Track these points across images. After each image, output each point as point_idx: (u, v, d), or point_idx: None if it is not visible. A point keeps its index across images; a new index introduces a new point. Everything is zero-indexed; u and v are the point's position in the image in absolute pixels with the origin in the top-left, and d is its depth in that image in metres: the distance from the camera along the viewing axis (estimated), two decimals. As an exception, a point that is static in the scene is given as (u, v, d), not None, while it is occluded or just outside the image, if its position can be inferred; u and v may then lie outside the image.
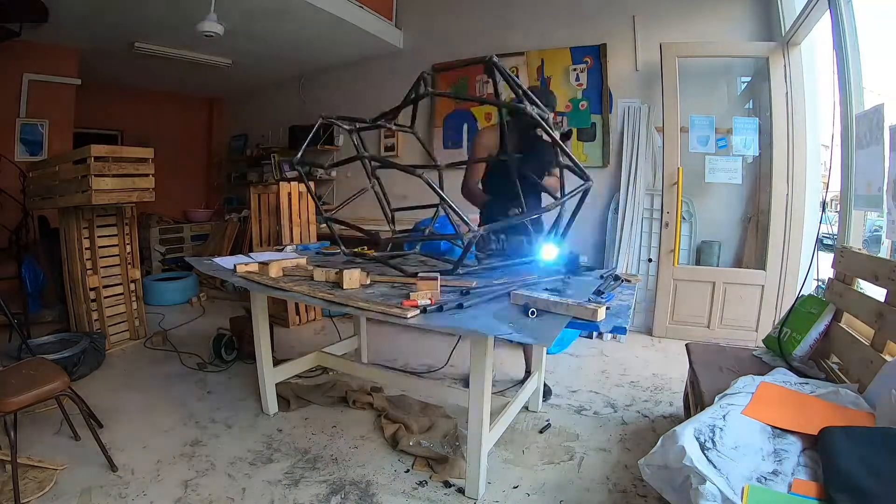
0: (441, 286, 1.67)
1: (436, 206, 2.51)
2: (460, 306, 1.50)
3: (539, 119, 1.70)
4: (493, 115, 4.31)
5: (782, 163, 3.19)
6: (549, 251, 1.96)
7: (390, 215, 2.47)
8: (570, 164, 1.85)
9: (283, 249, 2.62)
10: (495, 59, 1.78)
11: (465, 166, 2.45)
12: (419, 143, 2.71)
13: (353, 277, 1.80)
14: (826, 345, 1.88)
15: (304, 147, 2.12)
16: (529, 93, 1.93)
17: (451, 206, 1.74)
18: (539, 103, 1.99)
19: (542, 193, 2.27)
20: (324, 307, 1.66)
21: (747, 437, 1.22)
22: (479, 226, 1.82)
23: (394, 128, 2.32)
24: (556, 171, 2.04)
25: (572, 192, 1.91)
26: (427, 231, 2.62)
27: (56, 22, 3.53)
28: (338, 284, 1.83)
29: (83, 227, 2.97)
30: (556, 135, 1.78)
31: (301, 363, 2.48)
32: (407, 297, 1.59)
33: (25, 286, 3.45)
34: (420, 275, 1.74)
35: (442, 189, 2.52)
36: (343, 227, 2.34)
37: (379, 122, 2.14)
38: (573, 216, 2.03)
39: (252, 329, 2.29)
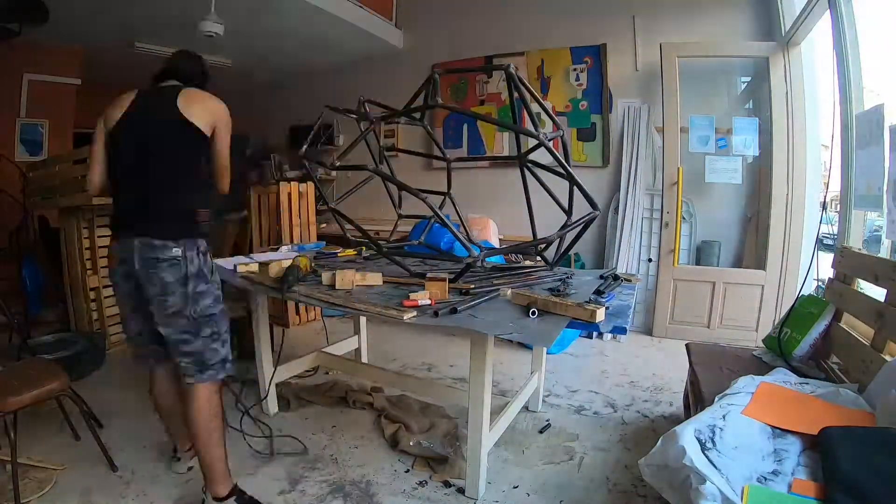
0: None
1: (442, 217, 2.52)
2: (454, 310, 1.49)
3: (548, 146, 1.69)
4: (493, 114, 4.31)
5: (782, 163, 3.19)
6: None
7: (398, 199, 2.48)
8: (580, 190, 1.84)
9: (277, 249, 2.61)
10: (512, 68, 1.78)
11: (469, 164, 2.45)
12: (423, 139, 2.72)
13: (345, 278, 1.80)
14: (826, 345, 1.88)
15: (309, 139, 2.13)
16: (544, 104, 1.93)
17: (452, 230, 1.74)
18: (552, 115, 1.99)
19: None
20: (323, 307, 1.66)
21: (747, 437, 1.22)
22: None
23: (402, 122, 2.33)
24: None
25: (578, 220, 1.91)
26: (425, 233, 2.63)
27: (56, 22, 3.52)
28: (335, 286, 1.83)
29: (83, 227, 2.97)
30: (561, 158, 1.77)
31: (301, 363, 2.48)
32: (408, 297, 1.60)
33: (25, 286, 3.45)
34: (429, 275, 1.74)
35: (450, 184, 2.53)
36: (348, 225, 2.34)
37: (390, 119, 2.16)
38: (573, 243, 2.04)
39: (252, 329, 2.29)
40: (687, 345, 2.14)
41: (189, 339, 1.50)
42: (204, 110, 1.51)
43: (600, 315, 1.43)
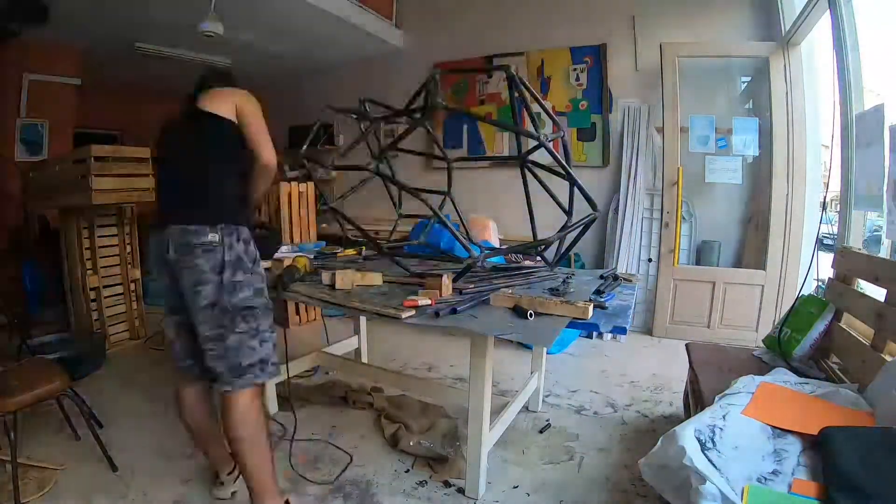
0: (440, 287, 1.67)
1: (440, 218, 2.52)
2: (454, 311, 1.49)
3: (549, 147, 1.69)
4: (493, 114, 4.31)
5: (782, 163, 3.19)
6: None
7: (398, 199, 2.48)
8: (580, 191, 1.84)
9: (277, 250, 2.59)
10: (512, 69, 1.78)
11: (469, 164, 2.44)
12: (423, 139, 2.71)
13: (344, 278, 1.80)
14: (826, 345, 1.88)
15: (309, 139, 2.13)
16: (544, 104, 1.93)
17: (452, 231, 1.74)
18: (553, 115, 1.99)
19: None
20: (323, 307, 1.66)
21: (747, 437, 1.21)
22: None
23: (403, 122, 2.33)
24: None
25: (579, 221, 1.91)
26: (425, 233, 2.63)
27: (56, 22, 3.53)
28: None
29: (83, 227, 2.97)
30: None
31: (301, 363, 2.47)
32: (407, 297, 1.60)
33: (25, 286, 3.45)
34: (428, 275, 1.75)
35: (450, 184, 2.53)
36: (348, 225, 2.34)
37: (390, 118, 2.16)
38: (573, 244, 2.04)
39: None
40: (687, 345, 2.14)
41: (223, 333, 1.37)
42: (223, 99, 1.51)
43: (590, 311, 1.43)
